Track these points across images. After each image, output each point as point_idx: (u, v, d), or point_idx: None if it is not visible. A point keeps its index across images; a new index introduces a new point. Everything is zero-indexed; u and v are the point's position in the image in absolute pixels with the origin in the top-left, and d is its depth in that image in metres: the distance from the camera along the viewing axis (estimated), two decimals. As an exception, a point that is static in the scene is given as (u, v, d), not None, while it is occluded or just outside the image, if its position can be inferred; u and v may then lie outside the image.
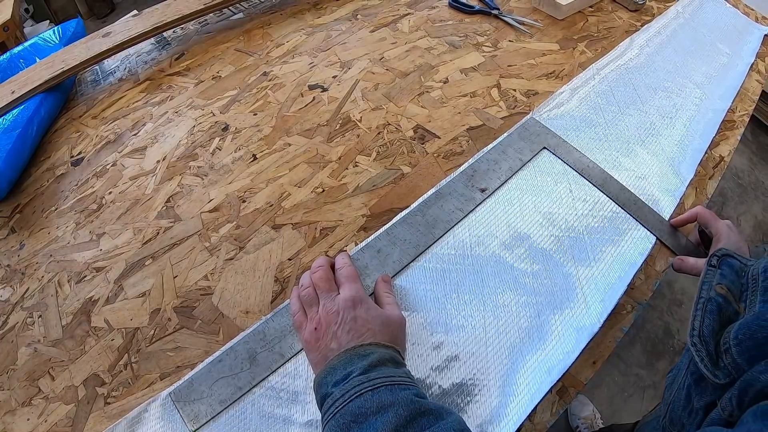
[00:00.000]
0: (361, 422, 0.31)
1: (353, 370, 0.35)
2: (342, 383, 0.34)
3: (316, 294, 0.43)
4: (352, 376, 0.34)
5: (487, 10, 0.85)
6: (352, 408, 0.32)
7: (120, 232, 0.56)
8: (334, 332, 0.39)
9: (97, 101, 0.74)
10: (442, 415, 0.32)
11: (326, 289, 0.43)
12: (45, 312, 0.51)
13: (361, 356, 0.36)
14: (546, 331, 0.47)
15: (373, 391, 0.33)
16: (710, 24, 0.85)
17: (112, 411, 0.44)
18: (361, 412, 0.32)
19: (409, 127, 0.65)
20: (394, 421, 0.30)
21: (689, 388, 0.37)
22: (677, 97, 0.71)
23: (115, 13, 2.37)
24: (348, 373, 0.35)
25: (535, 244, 0.53)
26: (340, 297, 0.42)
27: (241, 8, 0.89)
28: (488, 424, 0.42)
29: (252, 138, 0.65)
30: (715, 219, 0.51)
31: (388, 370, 0.35)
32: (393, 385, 0.34)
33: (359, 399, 0.32)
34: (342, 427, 0.32)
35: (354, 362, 0.35)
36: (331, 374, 0.36)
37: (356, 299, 0.41)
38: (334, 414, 0.33)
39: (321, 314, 0.41)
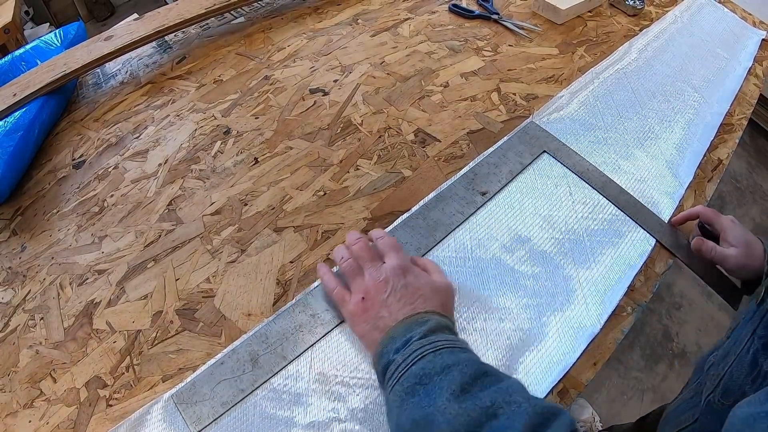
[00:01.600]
0: (426, 383, 0.31)
1: (413, 335, 0.35)
2: (403, 349, 0.34)
3: (359, 265, 0.42)
4: (412, 341, 0.34)
5: (487, 14, 0.85)
6: (416, 370, 0.32)
7: (122, 234, 0.57)
8: (383, 300, 0.38)
9: (98, 104, 0.74)
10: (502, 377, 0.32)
11: (369, 258, 0.42)
12: (47, 314, 0.51)
13: (419, 323, 0.36)
14: (546, 332, 0.48)
15: (434, 352, 0.33)
16: (708, 28, 0.86)
17: (114, 413, 0.44)
18: (425, 373, 0.32)
19: (410, 131, 0.66)
20: (459, 379, 0.31)
21: (756, 353, 0.38)
22: (676, 101, 0.72)
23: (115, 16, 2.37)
24: (408, 339, 0.35)
25: (535, 246, 0.54)
26: (387, 265, 0.41)
27: (243, 12, 0.89)
28: (489, 426, 0.42)
29: (254, 141, 0.65)
30: (717, 215, 0.51)
31: (446, 336, 0.35)
32: (454, 348, 0.34)
33: (422, 361, 0.33)
34: (407, 389, 0.32)
35: (412, 329, 0.35)
36: (391, 343, 0.36)
37: (404, 267, 0.41)
38: (398, 378, 0.33)
39: (368, 284, 0.40)
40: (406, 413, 0.31)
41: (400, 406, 0.32)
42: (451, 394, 0.30)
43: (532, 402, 0.29)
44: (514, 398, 0.29)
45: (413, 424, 0.30)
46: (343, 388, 0.44)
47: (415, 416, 0.31)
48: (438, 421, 0.29)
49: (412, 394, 0.32)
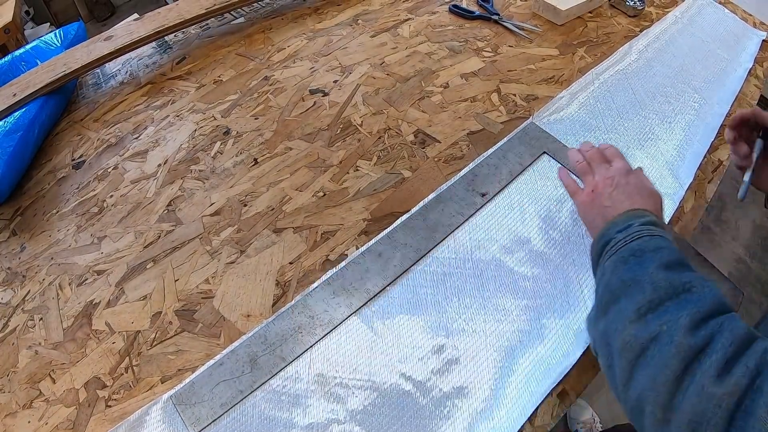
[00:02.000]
0: (639, 256, 0.38)
1: (633, 222, 0.41)
2: (624, 230, 0.41)
3: (590, 166, 0.50)
4: (633, 226, 0.41)
5: (487, 15, 0.85)
6: (632, 246, 0.39)
7: (121, 235, 0.57)
8: (609, 194, 0.46)
9: (98, 104, 0.74)
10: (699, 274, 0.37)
11: (599, 160, 0.50)
12: (46, 315, 0.51)
13: (639, 216, 0.42)
14: (546, 334, 0.48)
15: (650, 236, 0.39)
16: (709, 29, 0.86)
17: (113, 414, 0.44)
18: (639, 248, 0.38)
19: (410, 132, 0.66)
20: (667, 258, 0.37)
21: None
22: (676, 102, 0.72)
23: (115, 16, 2.37)
24: (629, 224, 0.41)
25: (535, 247, 0.54)
26: (614, 167, 0.48)
27: (243, 13, 0.89)
28: (489, 427, 0.42)
29: (253, 142, 0.65)
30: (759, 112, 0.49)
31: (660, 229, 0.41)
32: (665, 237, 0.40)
33: (639, 240, 0.39)
34: (621, 259, 0.39)
35: (633, 219, 0.42)
36: (614, 227, 0.42)
37: (628, 169, 0.48)
38: (615, 251, 0.40)
39: (598, 180, 0.48)
40: (617, 275, 0.38)
41: (612, 271, 0.39)
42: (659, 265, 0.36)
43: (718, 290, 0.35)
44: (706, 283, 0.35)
45: (621, 283, 0.37)
46: (342, 390, 0.44)
47: (624, 277, 0.37)
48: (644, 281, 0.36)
49: (624, 262, 0.38)
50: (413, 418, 0.42)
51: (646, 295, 0.35)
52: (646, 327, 0.34)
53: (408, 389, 0.44)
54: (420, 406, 0.43)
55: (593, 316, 0.40)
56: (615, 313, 0.37)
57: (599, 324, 0.38)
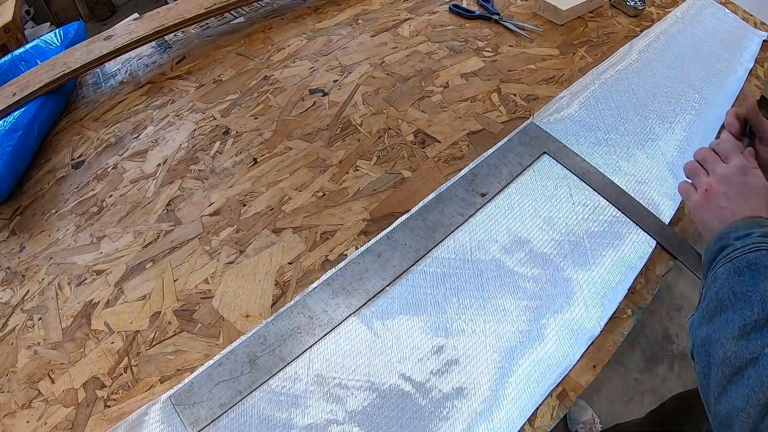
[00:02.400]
0: (754, 270, 0.37)
1: (754, 231, 0.40)
2: (743, 238, 0.39)
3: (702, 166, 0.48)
4: (753, 235, 0.39)
5: (488, 15, 0.85)
6: (750, 257, 0.38)
7: (120, 235, 0.56)
8: (725, 193, 0.44)
9: (98, 104, 0.74)
10: None
11: (711, 159, 0.47)
12: (45, 314, 0.51)
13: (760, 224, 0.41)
14: (546, 335, 0.47)
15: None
16: (709, 29, 0.86)
17: (111, 414, 0.44)
18: (756, 262, 0.37)
19: (410, 132, 0.66)
20: None
21: None
22: (677, 102, 0.71)
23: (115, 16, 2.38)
24: (749, 233, 0.40)
25: (535, 248, 0.53)
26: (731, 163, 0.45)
27: (243, 12, 0.89)
28: (488, 428, 0.42)
29: (253, 142, 0.65)
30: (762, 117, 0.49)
31: None
32: None
33: (757, 252, 0.38)
34: (736, 269, 0.38)
35: (754, 227, 0.40)
36: (733, 231, 0.41)
37: (746, 167, 0.45)
38: (731, 259, 0.39)
39: (711, 179, 0.45)
40: (728, 285, 0.37)
41: (725, 280, 0.38)
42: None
43: None
44: None
45: (732, 295, 0.37)
46: (341, 390, 0.44)
47: (736, 289, 0.37)
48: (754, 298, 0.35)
49: (739, 273, 0.37)
50: (412, 419, 0.42)
51: (754, 313, 0.35)
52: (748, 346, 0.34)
53: (407, 390, 0.44)
54: (419, 407, 0.43)
55: (697, 320, 0.39)
56: (720, 324, 0.36)
57: (702, 330, 0.38)
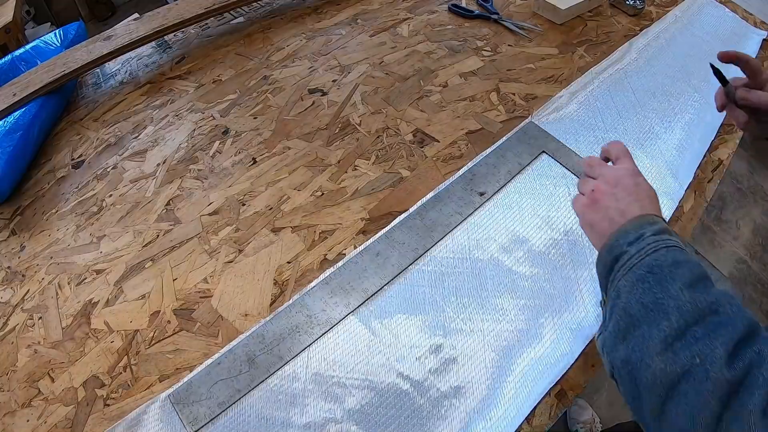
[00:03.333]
0: (656, 273, 0.35)
1: (645, 232, 0.37)
2: (636, 242, 0.37)
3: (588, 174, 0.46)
4: (645, 236, 0.37)
5: (487, 14, 0.85)
6: (648, 261, 0.35)
7: (120, 234, 0.57)
8: (613, 194, 0.41)
9: (98, 104, 0.74)
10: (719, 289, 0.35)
11: (597, 164, 0.45)
12: (45, 314, 0.51)
13: (650, 223, 0.38)
14: (544, 334, 0.48)
15: (667, 249, 0.36)
16: (709, 28, 0.85)
17: (111, 413, 0.44)
18: (656, 264, 0.35)
19: (409, 131, 0.66)
20: (689, 275, 0.34)
21: None
22: (676, 101, 0.71)
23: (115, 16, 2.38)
24: (641, 234, 0.37)
25: (533, 247, 0.54)
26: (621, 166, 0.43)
27: (242, 12, 0.89)
28: (486, 427, 0.42)
29: (252, 141, 0.65)
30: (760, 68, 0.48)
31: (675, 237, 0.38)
32: (683, 249, 0.37)
33: (655, 254, 0.36)
34: (639, 277, 0.35)
35: (644, 227, 0.38)
36: (623, 236, 0.38)
37: (635, 170, 0.43)
38: (630, 268, 0.36)
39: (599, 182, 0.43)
40: (635, 297, 0.35)
41: (630, 292, 0.36)
42: (682, 284, 0.33)
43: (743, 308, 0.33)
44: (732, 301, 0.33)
45: (642, 307, 0.34)
46: (339, 389, 0.44)
47: (645, 300, 0.34)
48: (668, 305, 0.33)
49: (642, 281, 0.35)
50: (410, 417, 0.42)
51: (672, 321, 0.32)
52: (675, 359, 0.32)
53: (405, 389, 0.44)
54: (417, 406, 0.43)
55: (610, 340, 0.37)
56: (638, 341, 0.34)
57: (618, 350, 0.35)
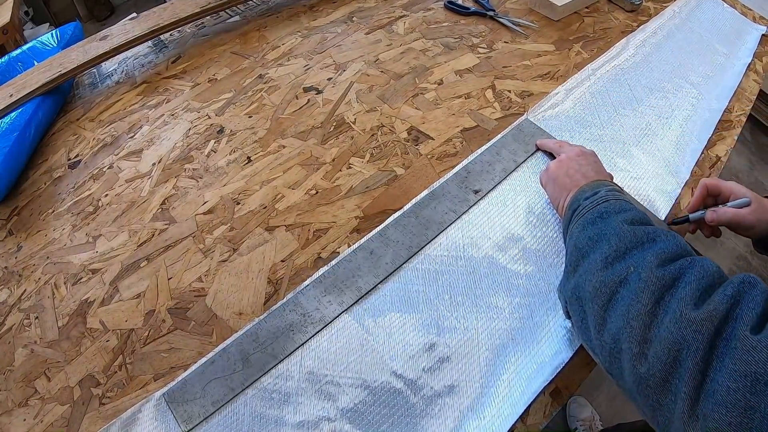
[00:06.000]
0: (605, 217, 0.41)
1: (600, 190, 0.45)
2: (592, 197, 0.45)
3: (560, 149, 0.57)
4: (600, 193, 0.45)
5: (483, 11, 0.85)
6: (599, 209, 0.42)
7: (116, 234, 0.57)
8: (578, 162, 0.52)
9: (94, 104, 0.74)
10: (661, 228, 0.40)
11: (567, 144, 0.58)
12: (41, 313, 0.51)
13: (605, 184, 0.47)
14: (539, 332, 0.47)
15: (616, 200, 0.43)
16: (707, 24, 0.85)
17: (106, 411, 0.44)
18: (605, 211, 0.42)
19: (403, 129, 0.66)
20: (631, 216, 0.40)
21: None
22: (673, 97, 0.71)
23: (114, 16, 2.38)
24: (596, 191, 0.45)
25: (528, 245, 0.53)
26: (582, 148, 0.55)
27: (238, 11, 0.89)
28: (480, 426, 0.42)
29: (247, 140, 0.65)
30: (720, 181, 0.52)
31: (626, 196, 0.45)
32: (630, 202, 0.43)
33: (605, 203, 0.43)
34: (589, 220, 0.42)
35: (600, 186, 0.46)
36: (581, 194, 0.46)
37: (593, 153, 0.54)
38: (583, 214, 0.43)
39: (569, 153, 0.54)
40: (584, 234, 0.41)
41: (581, 231, 0.42)
42: (623, 221, 0.39)
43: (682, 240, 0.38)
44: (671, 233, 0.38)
45: (588, 240, 0.40)
46: (332, 388, 0.44)
47: (591, 234, 0.40)
48: (609, 234, 0.39)
49: (592, 223, 0.41)
50: (404, 416, 0.42)
51: (612, 245, 0.37)
52: (613, 272, 0.36)
53: (399, 387, 0.44)
54: (411, 404, 0.43)
55: (564, 278, 0.42)
56: (585, 268, 0.39)
57: (569, 283, 0.40)
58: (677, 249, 0.36)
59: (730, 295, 0.30)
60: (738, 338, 0.28)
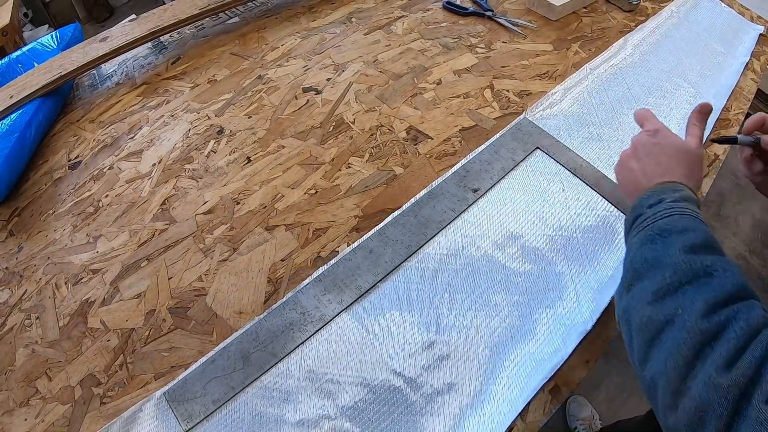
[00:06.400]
0: (665, 237, 0.38)
1: (666, 197, 0.41)
2: (655, 206, 0.41)
3: None
4: (665, 201, 0.41)
5: (481, 11, 0.85)
6: (661, 224, 0.39)
7: (116, 234, 0.57)
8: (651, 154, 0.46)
9: (94, 105, 0.75)
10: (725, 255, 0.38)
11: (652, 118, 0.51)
12: (42, 313, 0.51)
13: (674, 190, 0.42)
14: (538, 330, 0.48)
15: (680, 215, 0.39)
16: (705, 24, 0.85)
17: (107, 411, 0.44)
18: (667, 228, 0.39)
19: (402, 129, 0.66)
20: (692, 240, 0.37)
21: None
22: (671, 96, 0.71)
23: (114, 17, 2.38)
24: (661, 199, 0.41)
25: (527, 243, 0.54)
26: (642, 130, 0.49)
27: (237, 12, 0.89)
28: (479, 423, 0.42)
29: (246, 141, 0.65)
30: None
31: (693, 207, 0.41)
32: (696, 218, 0.40)
33: (669, 218, 0.39)
34: (648, 237, 0.39)
35: (666, 193, 0.42)
36: (646, 199, 0.42)
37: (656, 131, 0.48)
38: (644, 227, 0.40)
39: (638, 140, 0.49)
40: (641, 253, 0.39)
41: (639, 248, 0.39)
42: (682, 248, 0.37)
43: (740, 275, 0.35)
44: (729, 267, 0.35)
45: (644, 262, 0.38)
46: (332, 386, 0.44)
47: (648, 256, 0.38)
48: (665, 263, 0.37)
49: (651, 241, 0.39)
50: (403, 414, 0.43)
51: (666, 277, 0.36)
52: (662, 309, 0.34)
53: (398, 385, 0.44)
54: (410, 402, 0.43)
55: (618, 291, 0.41)
56: (637, 292, 0.37)
57: (622, 300, 0.39)
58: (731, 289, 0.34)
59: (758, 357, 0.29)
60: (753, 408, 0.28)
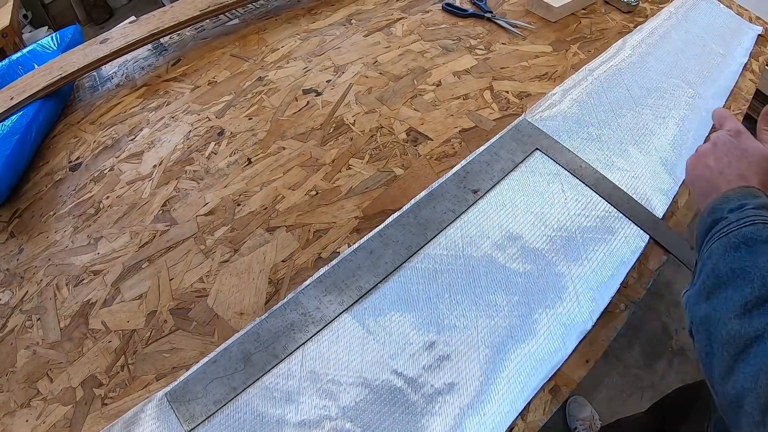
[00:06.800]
0: (751, 246, 0.36)
1: (747, 203, 0.39)
2: (737, 211, 0.39)
3: None
4: (747, 207, 0.39)
5: (480, 13, 0.85)
6: (745, 231, 0.37)
7: (117, 235, 0.57)
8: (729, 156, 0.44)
9: (94, 107, 0.75)
10: None
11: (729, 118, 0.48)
12: (43, 315, 0.51)
13: (754, 195, 0.40)
14: (538, 330, 0.48)
15: (765, 224, 0.37)
16: (704, 24, 0.86)
17: (109, 412, 0.44)
18: (752, 237, 0.36)
19: (402, 130, 0.66)
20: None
21: None
22: (670, 97, 0.72)
23: (113, 19, 2.38)
24: (743, 204, 0.39)
25: (527, 244, 0.54)
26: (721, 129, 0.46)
27: (237, 14, 0.90)
28: (480, 423, 0.42)
29: (247, 142, 0.66)
30: None
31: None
32: None
33: (753, 226, 0.37)
34: (732, 245, 0.37)
35: (747, 198, 0.40)
36: (726, 202, 0.40)
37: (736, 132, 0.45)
38: (726, 233, 0.38)
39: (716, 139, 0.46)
40: (726, 261, 0.37)
41: (721, 255, 0.37)
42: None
43: None
44: None
45: (730, 271, 0.36)
46: (334, 386, 0.44)
47: (734, 265, 0.36)
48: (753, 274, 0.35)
49: (735, 248, 0.37)
50: (404, 414, 0.43)
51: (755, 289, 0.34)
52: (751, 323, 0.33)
53: (399, 385, 0.44)
54: (411, 402, 0.43)
55: (694, 296, 0.39)
56: (720, 302, 0.36)
57: (700, 307, 0.37)
58: None
59: None
60: None
